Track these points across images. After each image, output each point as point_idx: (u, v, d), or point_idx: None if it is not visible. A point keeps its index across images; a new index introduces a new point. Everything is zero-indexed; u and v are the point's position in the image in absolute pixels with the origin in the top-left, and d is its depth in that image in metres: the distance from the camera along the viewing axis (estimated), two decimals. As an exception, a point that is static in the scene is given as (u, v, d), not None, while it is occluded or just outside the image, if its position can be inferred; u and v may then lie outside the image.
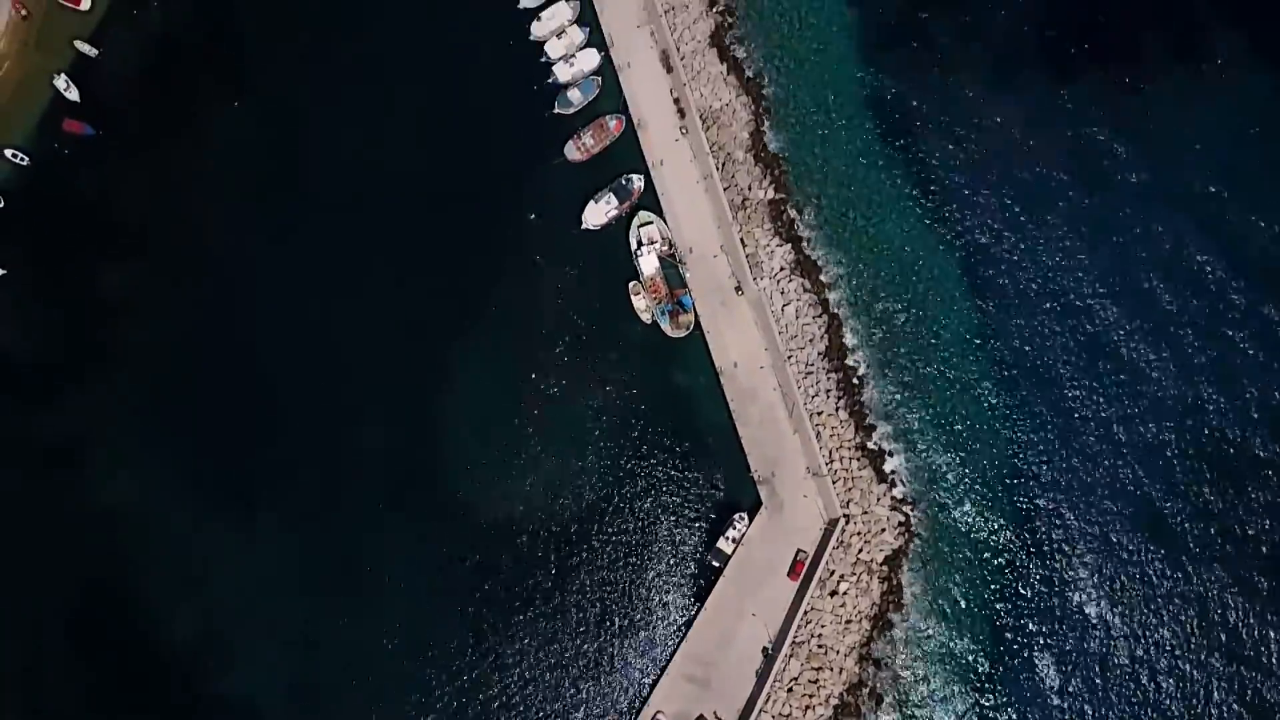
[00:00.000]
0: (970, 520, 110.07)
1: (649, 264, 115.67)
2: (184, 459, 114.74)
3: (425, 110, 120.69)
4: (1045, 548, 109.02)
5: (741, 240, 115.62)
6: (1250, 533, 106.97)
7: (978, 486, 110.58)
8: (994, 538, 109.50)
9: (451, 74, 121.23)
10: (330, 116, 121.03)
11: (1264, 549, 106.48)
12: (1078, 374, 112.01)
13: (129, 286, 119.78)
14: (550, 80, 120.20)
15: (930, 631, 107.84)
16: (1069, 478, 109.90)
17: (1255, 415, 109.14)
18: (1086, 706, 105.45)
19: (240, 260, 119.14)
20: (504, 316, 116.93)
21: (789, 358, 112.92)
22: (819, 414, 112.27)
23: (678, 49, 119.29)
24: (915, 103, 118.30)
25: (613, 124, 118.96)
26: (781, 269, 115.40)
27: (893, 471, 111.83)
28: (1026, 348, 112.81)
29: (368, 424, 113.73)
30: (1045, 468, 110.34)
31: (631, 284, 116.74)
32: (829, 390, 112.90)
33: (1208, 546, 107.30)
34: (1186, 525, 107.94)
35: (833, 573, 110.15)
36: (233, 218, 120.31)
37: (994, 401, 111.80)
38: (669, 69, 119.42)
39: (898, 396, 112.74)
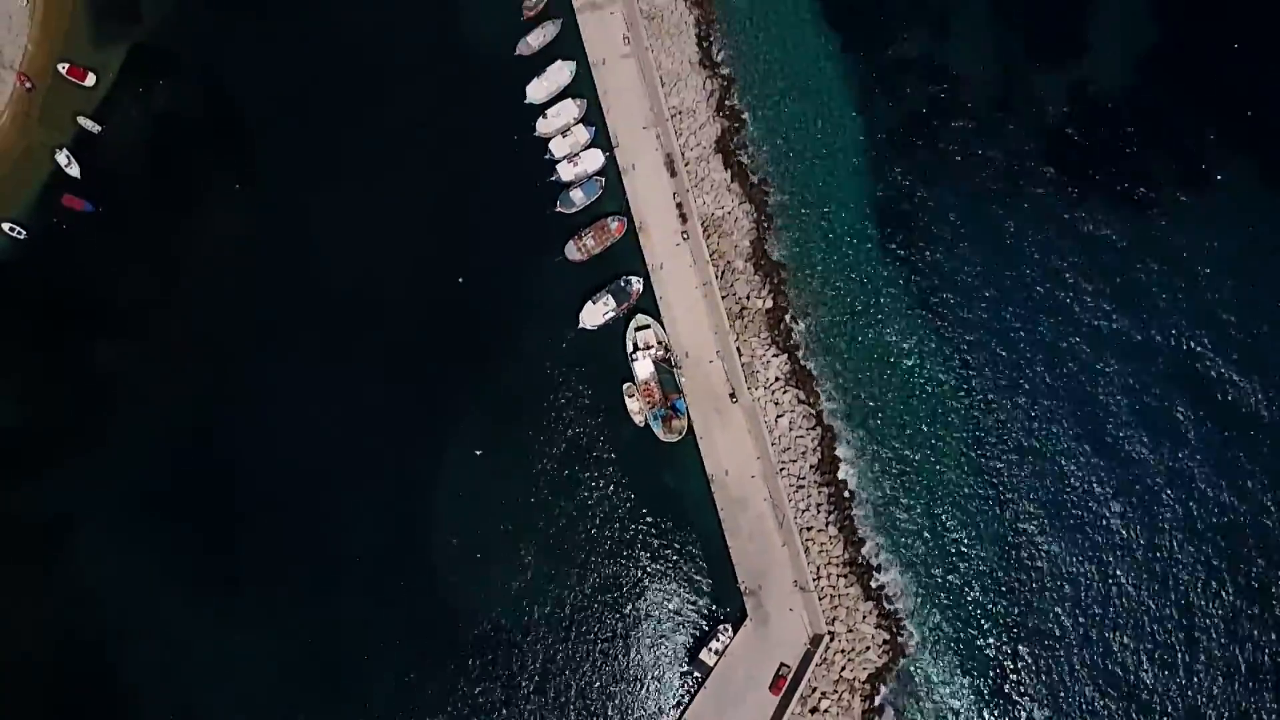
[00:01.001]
0: (958, 639, 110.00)
1: (644, 368, 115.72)
2: (168, 544, 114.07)
3: (426, 202, 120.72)
4: (1034, 671, 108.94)
5: (738, 349, 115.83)
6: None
7: (966, 606, 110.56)
8: (981, 656, 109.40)
9: (455, 166, 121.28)
10: (331, 205, 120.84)
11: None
12: (1075, 494, 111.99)
13: (120, 366, 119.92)
14: (553, 178, 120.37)
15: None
16: (1062, 600, 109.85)
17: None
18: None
19: (234, 347, 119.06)
20: (496, 414, 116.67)
21: (781, 470, 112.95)
22: (809, 529, 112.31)
23: (683, 154, 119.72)
24: (919, 216, 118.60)
25: (614, 226, 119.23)
26: (776, 379, 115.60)
27: (880, 588, 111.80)
28: (1022, 469, 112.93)
29: (355, 520, 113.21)
30: (1037, 590, 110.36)
31: (626, 386, 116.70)
32: (819, 505, 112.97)
33: (1222, 670, 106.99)
34: (1197, 650, 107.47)
35: (815, 690, 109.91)
36: (228, 303, 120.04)
37: (986, 522, 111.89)
38: (673, 173, 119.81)
39: (888, 513, 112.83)
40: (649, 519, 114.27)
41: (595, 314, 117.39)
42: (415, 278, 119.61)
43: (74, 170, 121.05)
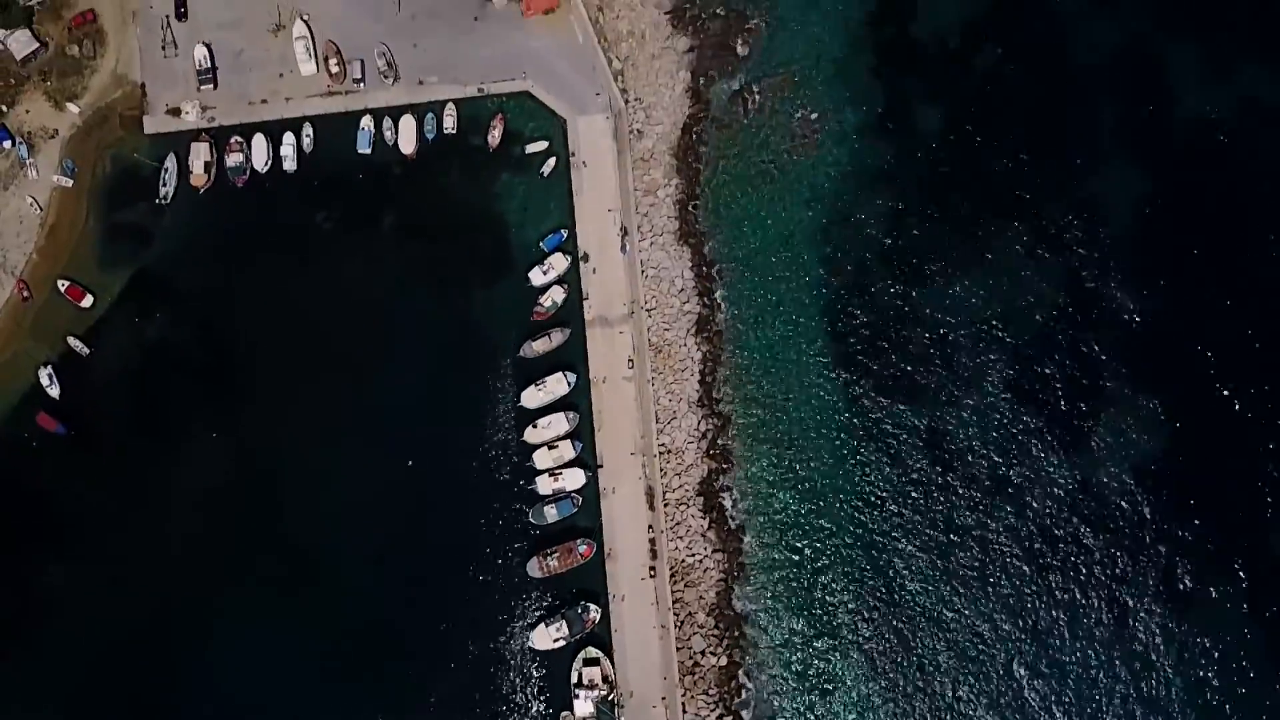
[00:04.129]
0: None
1: (584, 707, 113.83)
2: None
3: (398, 488, 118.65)
4: None
5: (683, 704, 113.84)
6: None
7: None
8: None
9: (435, 457, 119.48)
10: (304, 469, 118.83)
11: None
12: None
13: (68, 593, 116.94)
14: (532, 487, 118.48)
15: None
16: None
17: None
18: None
19: (185, 592, 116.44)
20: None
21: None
22: None
23: (664, 494, 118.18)
24: (905, 605, 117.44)
25: (582, 548, 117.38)
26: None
27: None
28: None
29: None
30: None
31: (564, 715, 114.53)
32: None
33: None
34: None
35: None
36: (185, 547, 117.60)
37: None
38: (651, 507, 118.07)
39: None
40: None
41: (546, 637, 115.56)
42: (370, 563, 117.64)
43: (54, 390, 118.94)
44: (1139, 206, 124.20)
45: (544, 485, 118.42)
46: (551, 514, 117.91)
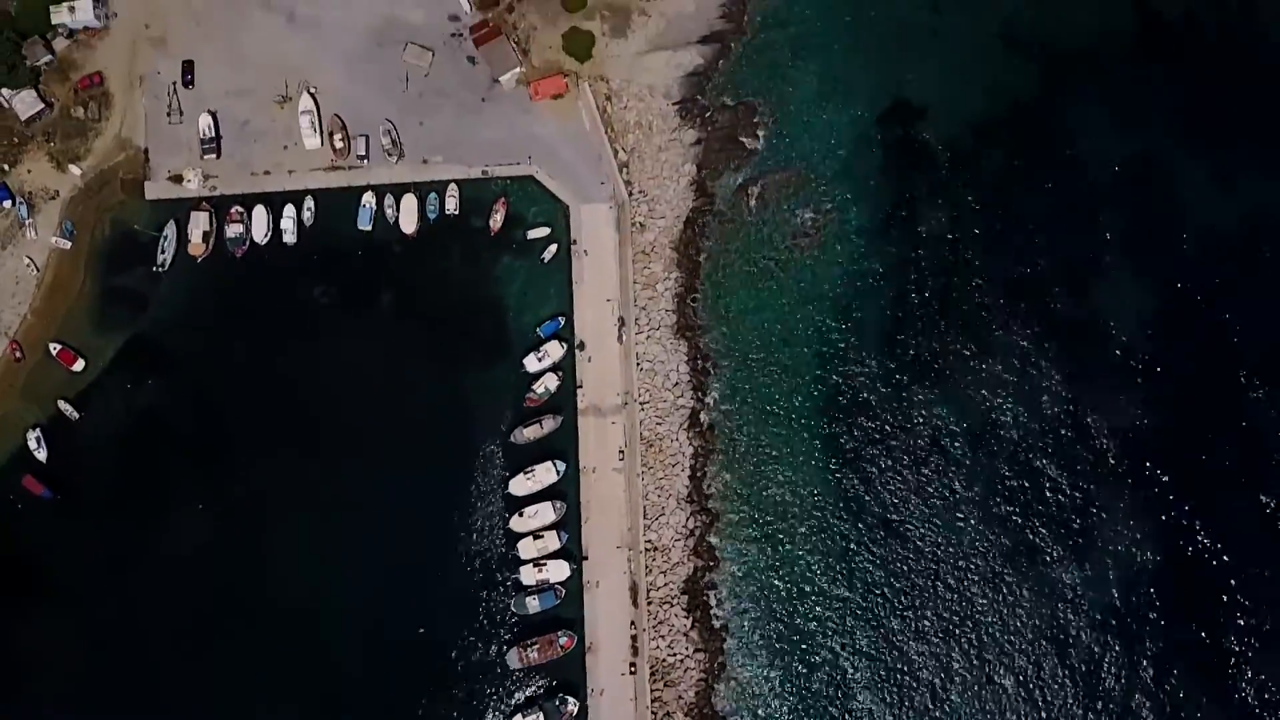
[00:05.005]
0: None
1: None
2: None
3: (381, 570, 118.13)
4: None
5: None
6: None
7: None
8: None
9: (419, 541, 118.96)
10: (290, 547, 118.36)
11: None
12: None
13: (47, 657, 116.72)
14: (515, 577, 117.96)
15: None
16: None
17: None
18: None
19: (164, 665, 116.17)
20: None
21: None
22: None
23: (648, 591, 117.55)
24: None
25: (563, 641, 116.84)
26: None
27: None
28: None
29: None
30: None
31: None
32: None
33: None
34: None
35: None
36: (165, 619, 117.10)
37: None
38: (635, 603, 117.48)
39: None
40: None
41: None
42: (351, 640, 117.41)
43: (42, 454, 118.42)
44: (1141, 316, 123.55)
45: (528, 575, 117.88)
46: (534, 605, 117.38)
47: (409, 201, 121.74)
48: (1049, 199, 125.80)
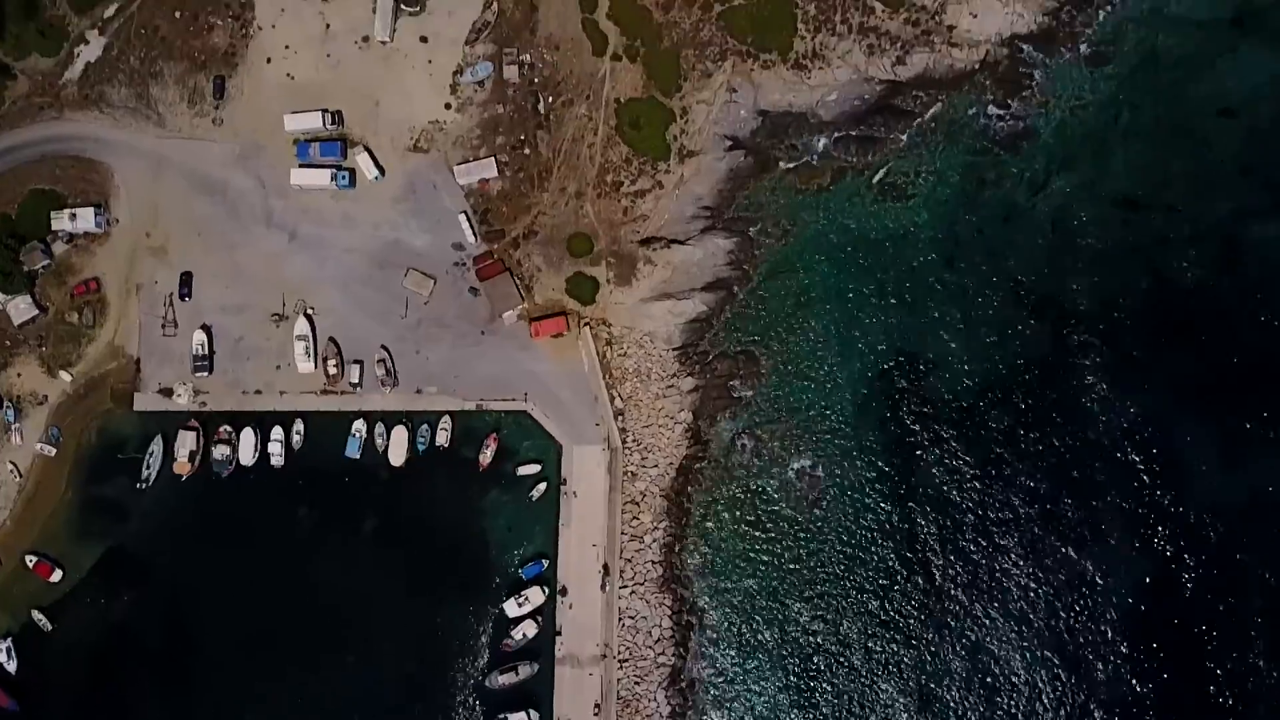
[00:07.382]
0: None
1: None
2: None
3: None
4: None
5: None
6: None
7: None
8: None
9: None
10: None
11: None
12: None
13: None
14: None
15: None
16: None
17: None
18: None
19: None
20: None
21: None
22: None
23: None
24: None
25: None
26: None
27: None
28: None
29: None
30: None
31: None
32: None
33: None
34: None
35: None
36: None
37: None
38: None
39: None
40: None
41: None
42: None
43: (11, 665, 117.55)
44: (1138, 589, 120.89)
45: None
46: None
47: (399, 433, 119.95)
48: (1052, 460, 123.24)
